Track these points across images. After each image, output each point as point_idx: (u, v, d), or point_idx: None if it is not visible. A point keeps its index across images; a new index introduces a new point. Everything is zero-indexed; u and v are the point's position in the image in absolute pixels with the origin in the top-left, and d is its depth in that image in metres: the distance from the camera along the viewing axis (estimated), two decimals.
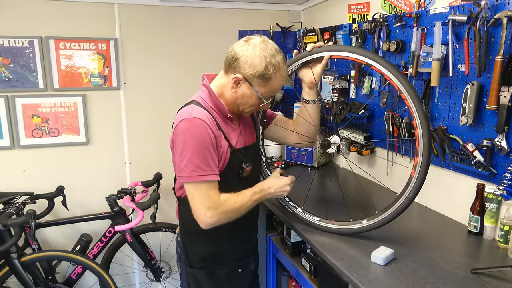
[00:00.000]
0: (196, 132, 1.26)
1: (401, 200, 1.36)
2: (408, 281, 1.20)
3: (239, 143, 1.42)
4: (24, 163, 2.52)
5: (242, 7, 2.82)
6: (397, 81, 1.32)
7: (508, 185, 1.39)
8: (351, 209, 1.72)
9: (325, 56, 1.48)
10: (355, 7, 2.28)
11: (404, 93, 1.31)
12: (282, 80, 1.35)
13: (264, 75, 1.29)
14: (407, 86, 1.31)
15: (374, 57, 1.37)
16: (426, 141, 1.30)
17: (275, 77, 1.31)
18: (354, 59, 1.41)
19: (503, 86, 1.38)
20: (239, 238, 1.52)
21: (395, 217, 1.37)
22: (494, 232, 1.49)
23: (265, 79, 1.30)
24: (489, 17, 1.41)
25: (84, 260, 2.30)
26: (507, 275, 1.23)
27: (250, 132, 1.52)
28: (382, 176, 2.10)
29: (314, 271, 1.78)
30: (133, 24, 2.61)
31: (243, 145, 1.44)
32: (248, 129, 1.52)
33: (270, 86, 1.33)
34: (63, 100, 2.54)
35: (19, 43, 2.38)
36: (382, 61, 1.35)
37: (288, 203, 1.65)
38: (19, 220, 2.08)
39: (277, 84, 1.34)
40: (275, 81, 1.32)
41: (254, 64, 1.28)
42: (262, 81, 1.31)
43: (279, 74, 1.32)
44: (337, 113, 2.32)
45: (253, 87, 1.31)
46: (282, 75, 1.34)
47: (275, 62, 1.29)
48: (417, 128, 1.30)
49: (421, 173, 1.32)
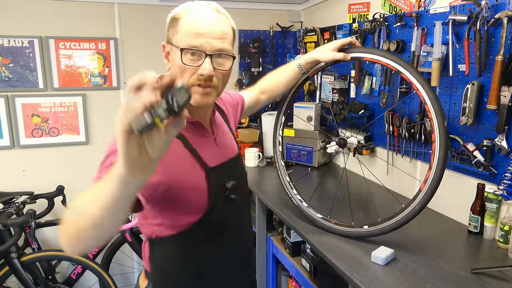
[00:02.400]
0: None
1: (406, 212, 1.33)
2: (408, 281, 1.20)
3: (215, 158, 1.08)
4: (24, 162, 2.52)
5: (242, 7, 2.82)
6: (424, 91, 1.29)
7: (508, 185, 1.39)
8: (355, 211, 1.72)
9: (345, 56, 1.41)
10: (355, 7, 2.28)
11: (428, 104, 1.28)
12: (198, 17, 0.97)
13: (173, 19, 1.00)
14: (432, 98, 1.28)
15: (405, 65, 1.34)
16: (441, 156, 1.26)
17: (187, 16, 0.98)
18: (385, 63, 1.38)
19: (503, 86, 1.37)
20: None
21: (397, 227, 1.36)
22: (494, 232, 1.49)
23: (175, 24, 0.99)
24: (489, 17, 1.41)
25: (84, 260, 2.30)
26: (507, 275, 1.23)
27: (229, 140, 1.20)
28: (382, 176, 2.10)
29: (314, 271, 1.78)
30: (133, 24, 2.61)
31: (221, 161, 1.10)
32: (227, 136, 1.20)
33: (181, 28, 0.97)
34: (63, 100, 2.54)
35: (19, 43, 2.38)
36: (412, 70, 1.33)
37: (295, 196, 1.66)
38: (19, 220, 2.08)
39: (191, 22, 0.97)
40: (185, 21, 0.97)
41: (167, 20, 1.03)
42: (174, 30, 0.99)
43: (192, 12, 0.98)
44: (337, 113, 2.32)
45: (171, 44, 1.00)
46: (197, 12, 0.98)
47: (189, 7, 1.00)
48: (435, 142, 1.27)
49: (431, 187, 1.27)
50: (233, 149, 1.19)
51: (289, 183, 1.70)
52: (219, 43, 0.98)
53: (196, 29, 0.96)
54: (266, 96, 1.55)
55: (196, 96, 0.99)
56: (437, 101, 1.27)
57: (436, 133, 1.27)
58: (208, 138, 1.09)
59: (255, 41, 2.90)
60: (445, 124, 1.26)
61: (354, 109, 2.18)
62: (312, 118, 2.41)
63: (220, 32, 0.99)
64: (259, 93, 1.54)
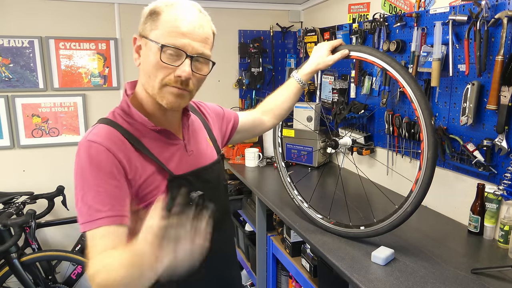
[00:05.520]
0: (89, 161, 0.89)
1: (399, 213, 1.31)
2: (408, 281, 1.20)
3: (184, 166, 1.02)
4: (24, 163, 2.52)
5: (242, 7, 2.82)
6: (409, 89, 1.27)
7: (508, 185, 1.39)
8: (356, 212, 1.72)
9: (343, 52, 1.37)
10: (355, 7, 2.28)
11: (414, 102, 1.26)
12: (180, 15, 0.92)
13: (152, 12, 0.93)
14: (419, 96, 1.25)
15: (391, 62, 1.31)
16: (431, 156, 1.22)
17: (168, 11, 0.92)
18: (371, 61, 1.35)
19: (503, 86, 1.37)
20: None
21: (391, 229, 1.34)
22: (494, 232, 1.49)
23: (153, 18, 0.93)
24: (489, 17, 1.41)
25: (84, 260, 2.30)
26: (507, 275, 1.23)
27: (205, 147, 1.13)
28: (382, 176, 2.10)
29: (314, 271, 1.78)
30: (133, 24, 2.60)
31: (191, 168, 1.04)
32: (203, 143, 1.13)
33: (161, 23, 0.91)
34: (63, 100, 2.54)
35: (19, 43, 2.38)
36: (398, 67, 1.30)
37: (297, 197, 1.67)
38: (19, 220, 2.08)
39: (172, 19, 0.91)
40: (166, 17, 0.92)
41: (143, 13, 0.96)
42: (152, 24, 0.93)
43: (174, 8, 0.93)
44: (337, 113, 2.32)
45: (146, 38, 0.94)
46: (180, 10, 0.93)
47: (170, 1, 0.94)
48: (423, 141, 1.24)
49: (421, 188, 1.24)
50: (209, 157, 1.11)
51: (290, 184, 1.71)
52: (201, 46, 0.93)
53: (179, 27, 0.90)
54: (269, 117, 1.44)
55: (169, 97, 0.94)
56: (423, 99, 1.24)
57: (424, 132, 1.23)
58: (176, 146, 1.03)
59: (255, 41, 2.91)
60: (432, 122, 1.22)
61: (354, 109, 2.18)
62: (312, 118, 2.41)
63: (204, 35, 0.94)
64: (260, 114, 1.43)
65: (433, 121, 1.23)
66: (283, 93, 1.43)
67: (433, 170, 1.24)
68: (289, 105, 1.45)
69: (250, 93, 3.00)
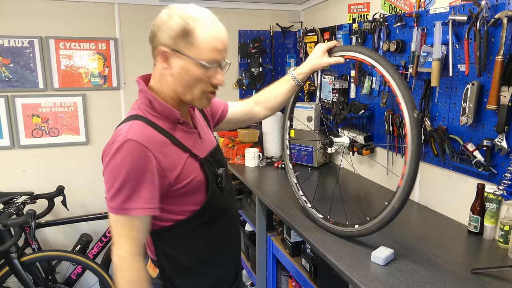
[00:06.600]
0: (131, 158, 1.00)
1: (387, 210, 1.30)
2: (408, 281, 1.20)
3: (203, 150, 1.17)
4: (24, 163, 2.52)
5: (242, 7, 2.82)
6: (394, 82, 1.27)
7: (508, 185, 1.39)
8: (355, 211, 1.73)
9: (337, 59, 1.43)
10: (355, 7, 2.28)
11: (398, 96, 1.25)
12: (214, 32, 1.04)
13: (185, 31, 1.02)
14: (402, 89, 1.24)
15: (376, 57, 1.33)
16: (415, 149, 1.20)
17: (201, 29, 1.02)
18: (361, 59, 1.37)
19: (503, 86, 1.37)
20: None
21: (382, 226, 1.33)
22: (494, 232, 1.49)
23: (188, 36, 1.02)
24: (489, 17, 1.41)
25: (84, 260, 2.30)
26: (507, 275, 1.23)
27: (208, 133, 1.28)
28: (383, 176, 2.10)
29: (314, 271, 1.78)
30: (133, 24, 2.62)
31: (207, 152, 1.19)
32: (206, 130, 1.27)
33: (200, 42, 1.02)
34: (63, 100, 2.54)
35: (19, 43, 2.38)
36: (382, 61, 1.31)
37: (302, 197, 1.70)
38: (19, 220, 2.08)
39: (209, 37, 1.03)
40: (202, 35, 1.02)
41: (170, 26, 1.03)
42: (187, 41, 1.02)
43: (205, 25, 1.03)
44: (337, 113, 2.32)
45: (183, 54, 1.03)
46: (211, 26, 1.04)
47: (195, 15, 1.03)
48: (408, 134, 1.22)
49: (407, 183, 1.22)
50: (213, 141, 1.27)
51: (296, 185, 1.73)
52: (226, 54, 1.10)
53: (217, 45, 1.05)
54: (261, 107, 1.52)
55: (205, 101, 1.11)
56: (407, 91, 1.23)
57: (408, 125, 1.22)
58: (194, 134, 1.17)
59: (255, 41, 2.91)
60: (415, 115, 1.21)
61: (354, 109, 2.18)
62: (312, 118, 2.41)
63: (227, 44, 1.10)
64: (252, 104, 1.52)
65: (415, 114, 1.21)
66: (278, 87, 1.50)
67: (418, 164, 1.22)
68: (282, 100, 1.51)
69: (250, 93, 3.00)
